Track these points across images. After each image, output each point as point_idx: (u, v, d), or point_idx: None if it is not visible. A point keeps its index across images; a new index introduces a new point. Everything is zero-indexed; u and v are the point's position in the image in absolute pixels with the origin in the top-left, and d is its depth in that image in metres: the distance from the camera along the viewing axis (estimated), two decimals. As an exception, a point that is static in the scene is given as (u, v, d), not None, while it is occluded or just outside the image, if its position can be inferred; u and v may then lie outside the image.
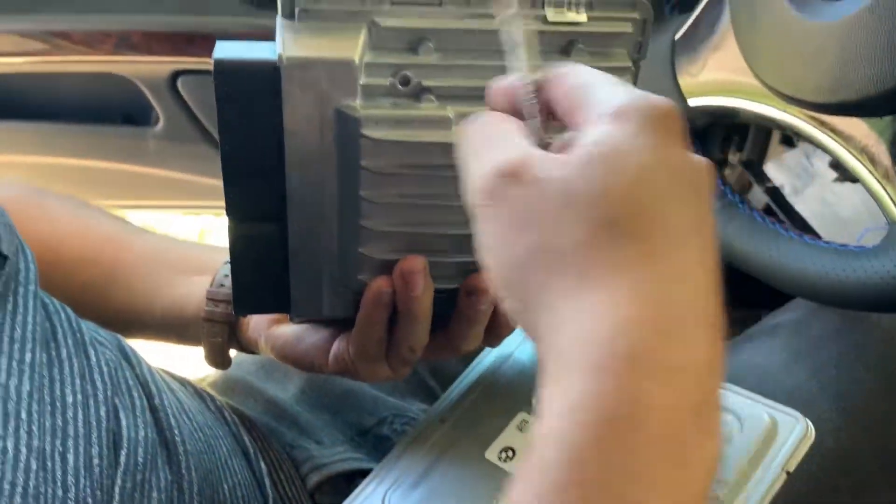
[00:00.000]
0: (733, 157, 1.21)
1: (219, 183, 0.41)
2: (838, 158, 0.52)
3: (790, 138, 1.15)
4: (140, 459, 0.42)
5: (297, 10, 0.35)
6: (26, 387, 0.38)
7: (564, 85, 0.31)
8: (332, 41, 0.35)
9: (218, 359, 0.53)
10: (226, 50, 0.36)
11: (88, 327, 0.47)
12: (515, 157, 0.28)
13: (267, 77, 0.35)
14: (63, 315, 0.45)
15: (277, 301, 0.43)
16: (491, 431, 0.49)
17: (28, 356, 0.39)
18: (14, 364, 0.38)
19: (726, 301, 0.28)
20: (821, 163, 1.13)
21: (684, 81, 0.62)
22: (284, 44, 0.35)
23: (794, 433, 0.44)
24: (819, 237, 0.55)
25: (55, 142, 1.27)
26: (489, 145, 0.30)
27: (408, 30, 0.36)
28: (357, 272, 0.41)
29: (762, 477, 0.43)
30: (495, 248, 0.29)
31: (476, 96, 0.35)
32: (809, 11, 0.50)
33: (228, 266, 0.45)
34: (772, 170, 1.16)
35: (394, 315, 0.43)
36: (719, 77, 0.60)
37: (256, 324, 0.50)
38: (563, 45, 0.38)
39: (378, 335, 0.43)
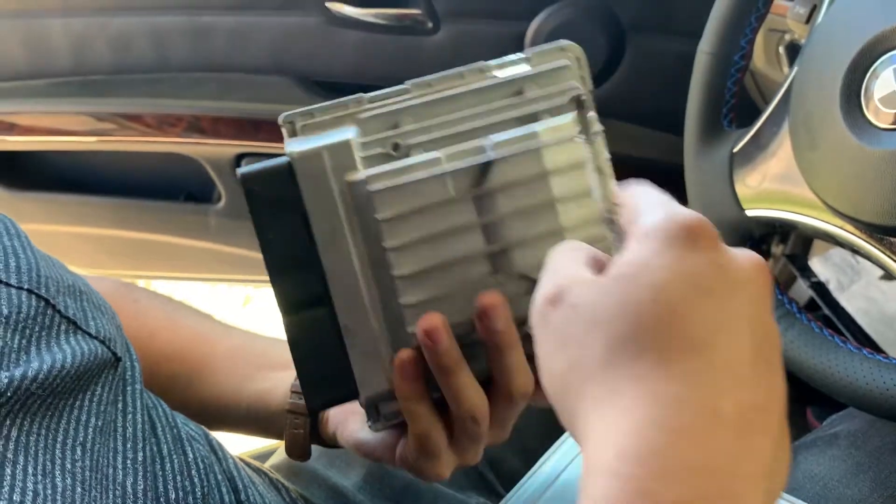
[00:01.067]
0: (776, 250, 1.22)
1: None
2: (897, 277, 0.53)
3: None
4: None
5: (297, 127, 0.44)
6: (140, 485, 0.40)
7: (628, 204, 0.34)
8: (329, 134, 0.43)
9: (299, 451, 0.55)
10: (248, 167, 0.43)
11: (181, 420, 0.49)
12: (560, 283, 0.32)
13: (284, 174, 0.42)
14: (160, 409, 0.47)
15: (346, 387, 0.45)
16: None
17: (140, 455, 0.42)
18: (128, 463, 0.41)
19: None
20: (866, 260, 1.15)
21: (742, 192, 0.65)
22: (292, 146, 0.43)
23: None
24: (879, 349, 0.56)
25: (121, 215, 1.32)
26: (549, 271, 0.34)
27: (386, 115, 0.44)
28: (406, 327, 0.44)
29: None
30: (544, 364, 0.32)
31: (455, 137, 0.44)
32: (868, 138, 0.53)
33: None
34: (817, 265, 1.17)
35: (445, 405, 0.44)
36: (777, 189, 0.62)
37: (334, 417, 0.53)
38: (517, 90, 0.45)
39: (427, 418, 0.43)
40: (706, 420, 0.27)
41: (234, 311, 1.86)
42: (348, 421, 0.51)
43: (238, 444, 0.62)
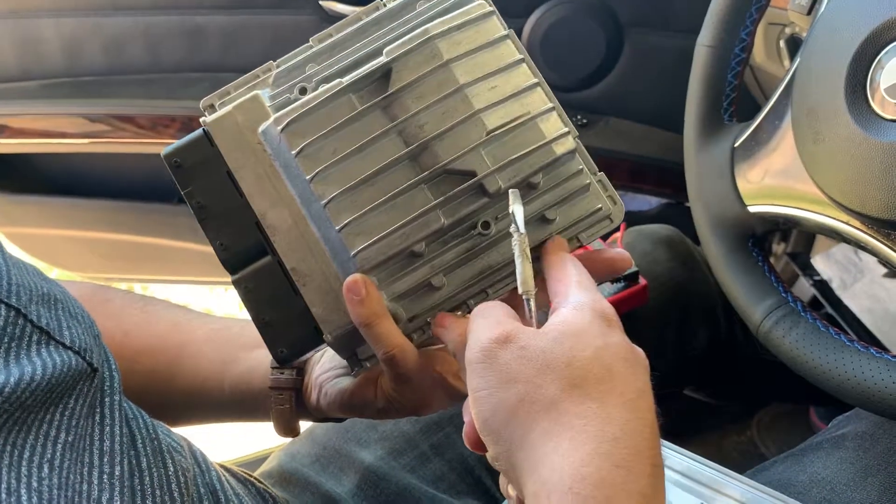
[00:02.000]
0: (778, 248, 1.21)
1: None
2: (905, 274, 0.52)
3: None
4: None
5: (217, 107, 0.46)
6: (117, 501, 0.39)
7: (552, 275, 0.43)
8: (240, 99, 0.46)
9: (286, 427, 0.54)
10: (165, 149, 0.46)
11: (163, 431, 0.47)
12: (507, 328, 0.39)
13: (202, 141, 0.45)
14: (141, 421, 0.46)
15: (308, 333, 0.45)
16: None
17: (117, 469, 0.40)
18: (105, 478, 0.39)
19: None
20: (869, 258, 1.12)
21: (744, 188, 0.63)
22: (208, 117, 0.45)
23: None
24: (885, 348, 0.55)
25: (114, 218, 1.31)
26: (487, 318, 0.40)
27: (291, 68, 0.46)
28: (350, 252, 0.44)
29: None
30: (484, 395, 0.37)
31: (357, 64, 0.45)
32: (874, 130, 0.51)
33: None
34: (819, 263, 1.15)
35: None
36: (779, 185, 0.61)
37: (315, 384, 0.53)
38: (410, 8, 0.48)
39: (389, 336, 0.44)
40: (635, 456, 0.35)
41: (231, 314, 1.85)
42: (327, 384, 0.52)
43: (225, 452, 0.60)
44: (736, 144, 0.64)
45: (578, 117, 1.14)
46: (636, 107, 1.14)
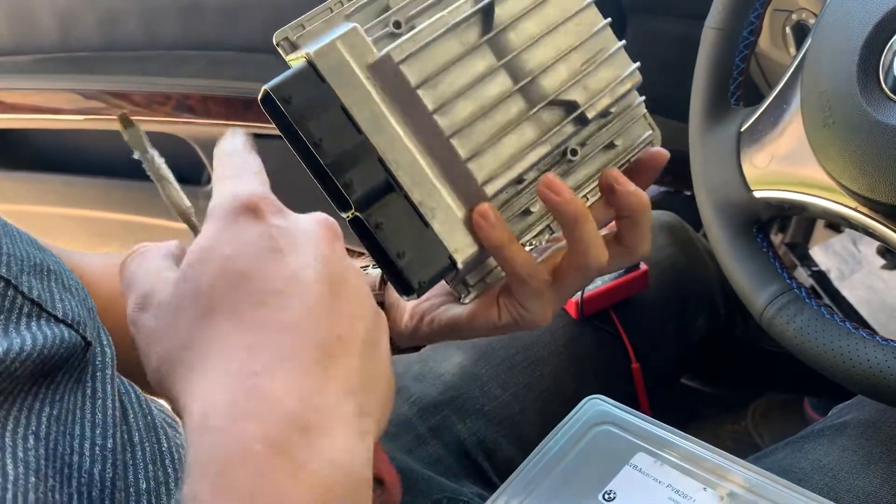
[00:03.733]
0: (776, 238, 1.20)
1: None
2: (913, 261, 0.51)
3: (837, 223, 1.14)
4: None
5: (295, 41, 0.44)
6: (109, 473, 0.38)
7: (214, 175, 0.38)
8: (331, 31, 0.43)
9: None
10: (271, 82, 0.42)
11: (156, 407, 0.47)
12: (143, 289, 0.35)
13: (309, 75, 0.42)
14: (133, 395, 0.45)
15: (444, 262, 0.45)
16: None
17: (109, 442, 0.39)
18: (97, 450, 0.38)
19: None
20: (868, 249, 1.13)
21: (750, 173, 0.62)
22: (307, 48, 0.42)
23: None
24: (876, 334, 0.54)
25: (108, 196, 1.29)
26: (131, 283, 0.36)
27: (372, 2, 0.46)
28: (474, 181, 0.45)
29: None
30: (145, 366, 0.34)
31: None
32: (887, 114, 0.50)
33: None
34: (818, 253, 1.15)
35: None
36: (786, 170, 0.60)
37: (413, 312, 0.51)
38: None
39: (523, 256, 0.45)
40: (281, 358, 0.30)
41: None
42: (436, 310, 0.51)
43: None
44: (742, 129, 0.63)
45: (579, 103, 1.13)
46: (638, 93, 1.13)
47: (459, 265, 0.45)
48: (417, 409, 0.68)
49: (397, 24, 0.45)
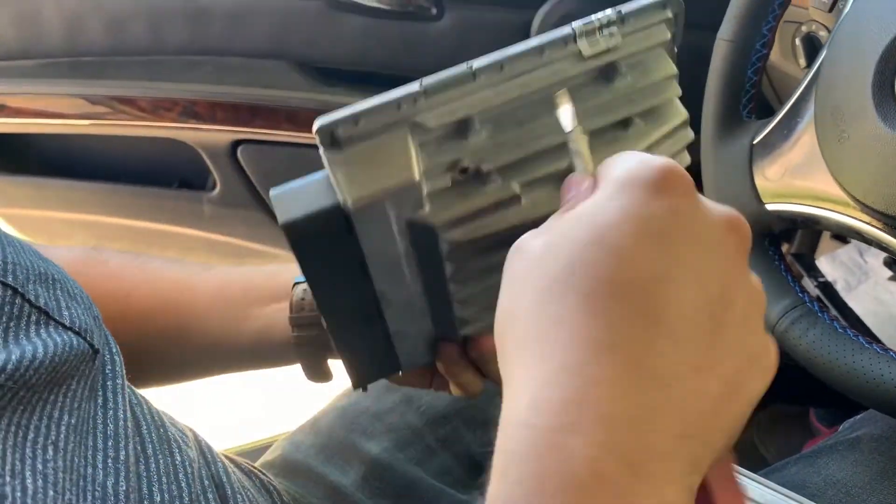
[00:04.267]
0: (782, 249, 1.20)
1: (267, 248, 0.44)
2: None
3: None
4: None
5: (339, 138, 0.34)
6: (122, 486, 0.37)
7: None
8: (385, 165, 0.35)
9: (318, 374, 0.54)
10: (287, 205, 0.36)
11: (167, 420, 0.46)
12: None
13: (338, 221, 0.36)
14: (145, 407, 0.45)
15: (390, 366, 0.48)
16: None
17: (122, 454, 0.38)
18: (109, 462, 0.38)
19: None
20: (875, 260, 1.13)
21: (762, 186, 0.62)
22: (341, 184, 0.35)
23: None
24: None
25: (112, 201, 1.29)
26: None
27: (452, 120, 0.34)
28: (460, 329, 0.45)
29: None
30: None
31: (534, 161, 0.35)
32: (902, 129, 0.50)
33: (301, 287, 0.52)
34: (824, 264, 1.15)
35: None
36: (799, 183, 0.60)
37: None
38: (604, 70, 0.36)
39: (467, 376, 0.49)
40: (627, 371, 0.25)
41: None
42: None
43: (227, 440, 0.59)
44: (755, 141, 0.63)
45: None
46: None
47: (404, 370, 0.49)
48: (427, 419, 0.68)
49: (464, 170, 0.35)
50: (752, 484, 0.49)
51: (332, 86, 1.12)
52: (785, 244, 1.23)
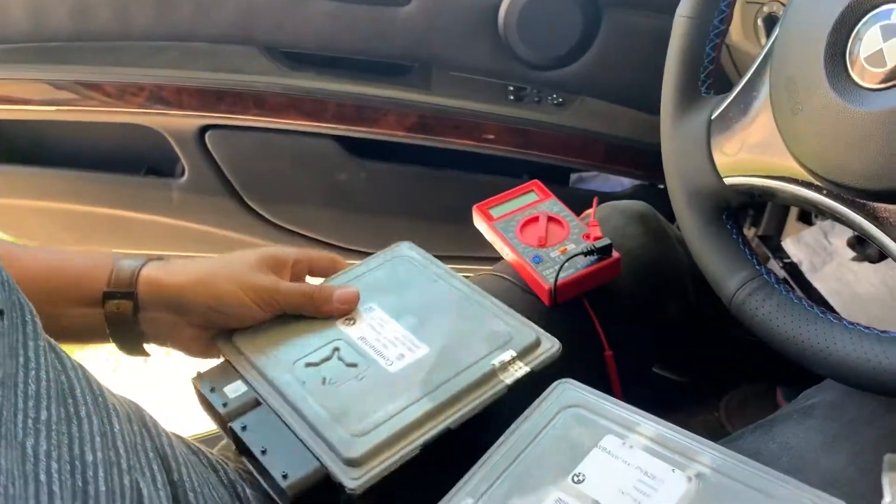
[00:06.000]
0: (748, 232, 1.21)
1: (236, 235, 0.44)
2: (877, 242, 0.52)
3: (808, 215, 1.15)
4: None
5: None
6: (43, 446, 0.37)
7: None
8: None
9: (133, 351, 0.59)
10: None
11: (109, 392, 0.46)
12: None
13: None
14: (80, 373, 0.44)
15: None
16: (524, 510, 0.48)
17: (44, 413, 0.38)
18: (30, 422, 0.37)
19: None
20: (839, 241, 1.14)
21: (720, 160, 0.63)
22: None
23: None
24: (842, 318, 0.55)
25: (80, 189, 1.28)
26: None
27: None
28: None
29: None
30: None
31: None
32: (853, 98, 0.51)
33: (121, 261, 0.58)
34: (790, 245, 1.16)
35: None
36: (756, 157, 0.60)
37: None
38: None
39: None
40: None
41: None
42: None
43: (183, 428, 0.59)
44: (713, 116, 0.64)
45: (554, 96, 1.13)
46: (612, 87, 1.14)
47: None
48: None
49: None
50: (706, 451, 0.50)
51: (299, 70, 1.12)
52: (752, 228, 1.24)
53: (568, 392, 0.55)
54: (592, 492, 0.49)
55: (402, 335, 0.61)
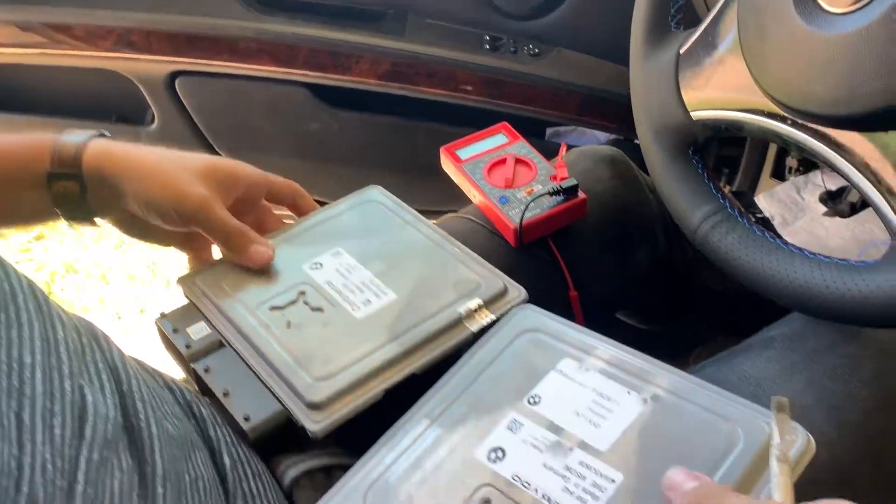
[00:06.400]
0: (724, 189, 1.21)
1: None
2: (842, 173, 0.51)
3: (782, 172, 1.16)
4: (107, 437, 0.40)
5: None
6: None
7: None
8: None
9: (81, 223, 0.58)
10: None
11: (57, 305, 0.45)
12: None
13: None
14: (25, 282, 0.43)
15: None
16: (479, 431, 0.48)
17: None
18: None
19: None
20: (811, 197, 1.14)
21: (688, 95, 0.62)
22: None
23: (795, 446, 0.43)
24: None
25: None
26: None
27: None
28: None
29: (760, 491, 0.42)
30: None
31: None
32: (819, 24, 0.50)
33: (63, 141, 0.56)
34: (763, 201, 1.17)
35: None
36: (723, 90, 0.60)
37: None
38: None
39: None
40: None
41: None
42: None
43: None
44: (681, 51, 0.63)
45: (530, 47, 1.12)
46: (588, 38, 1.13)
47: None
48: None
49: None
50: (661, 373, 0.49)
51: (272, 15, 1.10)
52: (727, 186, 1.24)
53: (527, 316, 0.55)
54: (547, 413, 0.48)
55: (369, 281, 0.61)
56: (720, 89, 0.60)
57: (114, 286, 1.73)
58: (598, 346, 0.52)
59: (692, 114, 0.61)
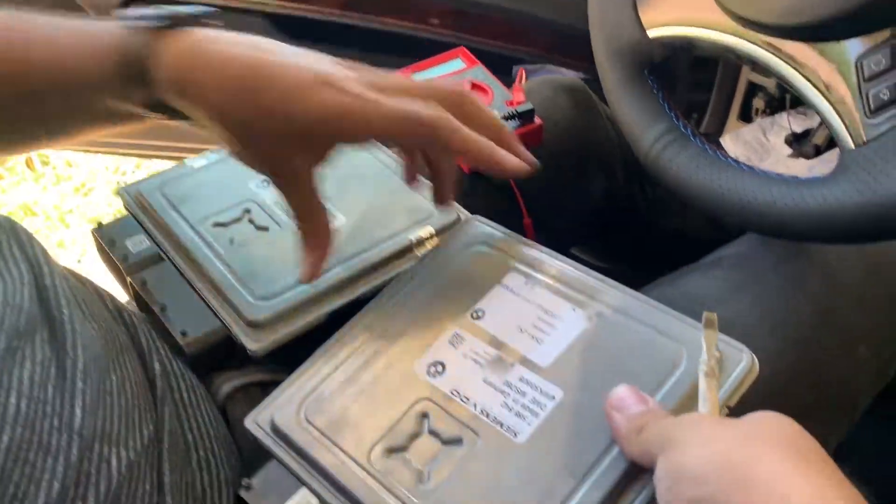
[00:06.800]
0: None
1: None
2: (793, 86, 0.50)
3: (749, 115, 1.15)
4: (19, 327, 0.39)
5: None
6: None
7: None
8: None
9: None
10: None
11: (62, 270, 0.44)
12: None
13: None
14: (25, 238, 0.42)
15: None
16: (420, 345, 0.47)
17: None
18: None
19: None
20: (777, 139, 1.14)
21: (645, 14, 0.61)
22: None
23: (738, 367, 0.42)
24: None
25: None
26: None
27: None
28: None
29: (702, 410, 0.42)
30: None
31: None
32: (774, -69, 0.49)
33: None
34: (729, 143, 1.16)
35: None
36: (680, 8, 0.58)
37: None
38: None
39: None
40: None
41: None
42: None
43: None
44: (639, -32, 0.61)
45: (499, -22, 1.09)
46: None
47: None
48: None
49: None
50: (607, 290, 0.48)
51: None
52: (696, 127, 1.23)
53: (476, 229, 0.54)
54: (490, 327, 0.47)
55: None
56: (677, 6, 0.58)
57: (74, 230, 1.69)
58: (545, 261, 0.51)
59: (648, 32, 0.60)
